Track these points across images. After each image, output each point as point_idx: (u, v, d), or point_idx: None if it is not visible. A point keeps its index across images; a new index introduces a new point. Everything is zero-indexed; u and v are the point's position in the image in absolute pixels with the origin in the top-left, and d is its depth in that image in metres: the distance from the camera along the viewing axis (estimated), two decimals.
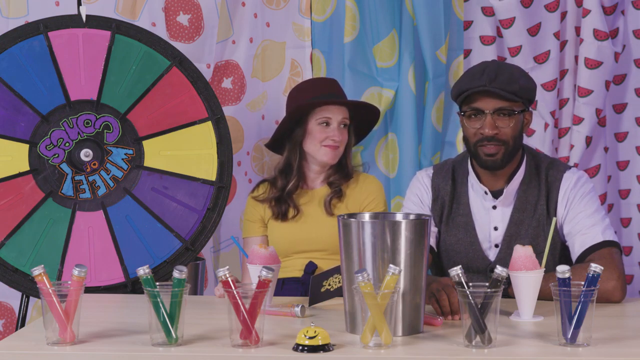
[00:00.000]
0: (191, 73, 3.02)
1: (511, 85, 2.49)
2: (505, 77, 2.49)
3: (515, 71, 2.54)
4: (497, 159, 2.53)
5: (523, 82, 2.51)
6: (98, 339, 2.05)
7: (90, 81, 2.96)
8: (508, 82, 2.49)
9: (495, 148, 2.52)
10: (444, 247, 2.65)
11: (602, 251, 2.47)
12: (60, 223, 2.93)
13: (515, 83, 2.49)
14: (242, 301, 1.94)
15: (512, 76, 2.50)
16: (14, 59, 2.93)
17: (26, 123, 2.93)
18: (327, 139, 2.92)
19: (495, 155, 2.52)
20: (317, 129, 2.93)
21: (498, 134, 2.51)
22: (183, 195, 2.97)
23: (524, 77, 2.54)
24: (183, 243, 2.96)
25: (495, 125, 2.51)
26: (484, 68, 2.52)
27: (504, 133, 2.51)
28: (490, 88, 2.48)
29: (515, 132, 2.53)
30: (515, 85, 2.49)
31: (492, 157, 2.53)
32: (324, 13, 3.56)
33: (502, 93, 2.48)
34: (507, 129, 2.51)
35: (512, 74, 2.51)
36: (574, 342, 1.94)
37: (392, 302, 1.92)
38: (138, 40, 2.99)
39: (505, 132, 2.51)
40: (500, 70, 2.51)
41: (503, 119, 2.51)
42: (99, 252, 2.93)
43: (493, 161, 2.53)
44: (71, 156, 2.95)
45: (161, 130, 2.99)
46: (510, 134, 2.52)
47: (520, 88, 2.49)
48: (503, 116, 2.51)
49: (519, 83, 2.50)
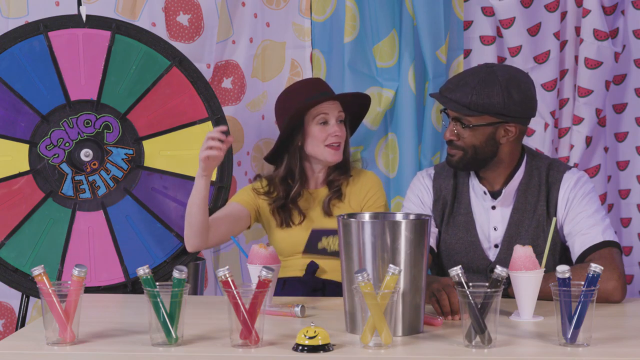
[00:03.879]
0: (191, 73, 3.02)
1: (463, 98, 2.46)
2: (465, 89, 2.46)
3: (482, 85, 2.46)
4: (453, 161, 2.56)
5: (478, 99, 2.44)
6: (98, 339, 2.05)
7: (90, 81, 2.96)
8: (463, 95, 2.47)
9: (453, 151, 2.55)
10: (444, 247, 2.65)
11: (602, 251, 2.47)
12: (60, 223, 2.93)
13: (467, 97, 2.46)
14: (242, 301, 1.94)
15: (472, 89, 2.45)
16: (14, 59, 2.93)
17: (26, 123, 2.93)
18: (328, 138, 2.90)
19: (453, 157, 2.56)
20: (316, 129, 2.91)
21: (455, 140, 2.53)
22: (183, 195, 2.97)
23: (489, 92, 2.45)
24: (183, 243, 2.96)
25: (453, 132, 2.53)
26: (462, 75, 2.54)
27: (462, 141, 2.52)
28: (441, 97, 2.52)
29: (476, 142, 2.51)
30: (466, 99, 2.46)
31: (450, 157, 2.57)
32: (324, 13, 3.56)
33: (450, 105, 2.49)
34: (465, 138, 2.51)
35: (474, 87, 2.45)
36: (574, 342, 1.94)
37: (392, 302, 1.92)
38: (138, 40, 2.99)
39: (463, 140, 2.52)
40: (468, 80, 2.48)
41: (460, 127, 2.52)
42: (99, 252, 2.93)
43: (450, 161, 2.58)
44: (71, 156, 2.95)
45: (161, 130, 2.99)
46: (469, 143, 2.51)
47: (471, 103, 2.45)
48: (461, 125, 2.51)
49: (471, 98, 2.45)
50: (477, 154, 2.53)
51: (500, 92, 2.46)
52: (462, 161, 2.55)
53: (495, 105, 2.47)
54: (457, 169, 2.61)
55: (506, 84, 2.47)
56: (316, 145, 2.91)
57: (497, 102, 2.46)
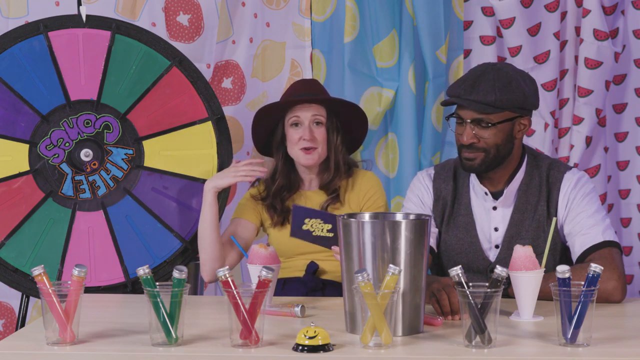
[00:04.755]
0: (191, 73, 3.02)
1: (487, 96, 2.46)
2: (483, 87, 2.46)
3: (500, 80, 2.48)
4: (474, 164, 2.53)
5: (503, 94, 2.46)
6: (98, 339, 2.05)
7: (90, 81, 2.96)
8: (485, 93, 2.46)
9: (473, 154, 2.52)
10: (445, 247, 2.65)
11: (603, 251, 2.47)
12: (60, 223, 2.93)
13: (491, 94, 2.45)
14: (242, 301, 1.94)
15: (492, 87, 2.46)
16: (14, 59, 2.93)
17: (26, 123, 2.93)
18: (300, 141, 2.89)
19: (473, 160, 2.53)
20: (290, 132, 2.90)
21: (476, 142, 2.51)
22: (183, 195, 2.97)
23: (510, 86, 2.47)
24: (183, 243, 2.96)
25: (473, 134, 2.50)
26: (470, 75, 2.52)
27: (483, 142, 2.50)
28: (463, 100, 2.48)
29: (498, 141, 2.51)
30: (491, 97, 2.45)
31: (470, 162, 2.54)
32: (324, 13, 3.56)
33: (474, 106, 2.47)
34: (486, 138, 2.50)
35: (493, 83, 2.46)
36: (574, 342, 1.94)
37: (392, 302, 1.92)
38: (138, 40, 2.99)
39: (485, 141, 2.50)
40: (481, 79, 2.48)
41: (481, 128, 2.50)
42: (99, 252, 2.93)
43: (470, 165, 2.54)
44: (71, 156, 2.95)
45: (161, 130, 2.99)
46: (491, 143, 2.50)
47: (496, 100, 2.45)
48: (481, 126, 2.50)
49: (496, 95, 2.45)
50: (499, 153, 2.52)
51: (517, 85, 2.48)
52: (484, 163, 2.52)
53: (517, 99, 2.48)
54: (479, 172, 2.57)
55: (519, 77, 2.50)
56: (291, 147, 2.91)
57: (519, 96, 2.48)
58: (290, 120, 2.90)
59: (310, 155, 2.88)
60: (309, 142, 2.87)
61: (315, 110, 2.90)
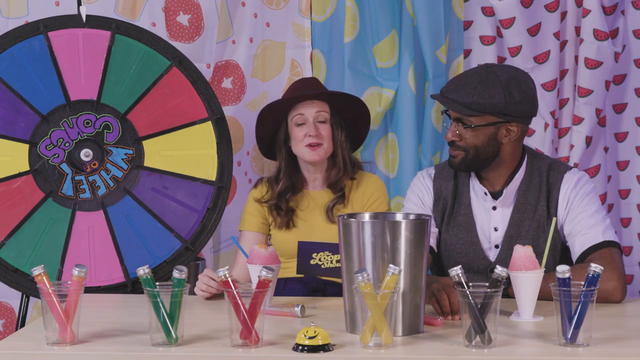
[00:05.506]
0: (191, 73, 3.02)
1: (465, 98, 2.47)
2: (466, 89, 2.47)
3: (483, 84, 2.46)
4: (454, 162, 2.57)
5: (479, 99, 2.45)
6: (98, 339, 2.06)
7: (90, 81, 2.96)
8: (464, 95, 2.47)
9: (455, 152, 2.55)
10: (445, 247, 2.65)
11: (603, 251, 2.47)
12: (60, 223, 2.93)
13: (469, 97, 2.46)
14: (242, 301, 1.94)
15: (474, 89, 2.46)
16: (14, 59, 2.93)
17: (26, 123, 2.93)
18: (305, 138, 2.90)
19: (455, 158, 2.56)
20: (295, 130, 2.92)
21: (457, 140, 2.53)
22: (183, 195, 2.97)
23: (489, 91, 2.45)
24: (183, 243, 2.96)
25: (456, 133, 2.53)
26: (462, 75, 2.54)
27: (464, 141, 2.52)
28: (441, 98, 2.52)
29: (478, 142, 2.51)
30: (467, 99, 2.46)
31: (452, 159, 2.58)
32: (324, 13, 3.56)
33: (452, 106, 2.50)
34: (467, 139, 2.52)
35: (475, 87, 2.46)
36: (574, 342, 1.94)
37: (392, 302, 1.92)
38: (138, 40, 2.99)
39: (465, 141, 2.52)
40: (468, 81, 2.49)
41: (463, 128, 2.52)
42: (99, 252, 2.93)
43: (452, 162, 2.58)
44: (71, 156, 2.95)
45: (161, 130, 2.99)
46: (471, 143, 2.52)
47: (472, 103, 2.46)
48: (463, 126, 2.51)
49: (473, 98, 2.45)
50: (479, 154, 2.53)
51: (501, 91, 2.46)
52: (464, 162, 2.55)
53: (497, 105, 2.47)
54: (459, 170, 2.61)
55: (507, 83, 2.47)
56: (296, 145, 2.93)
57: (499, 102, 2.47)
58: (294, 119, 2.92)
59: (316, 151, 2.89)
60: (314, 138, 2.89)
61: (319, 107, 2.91)
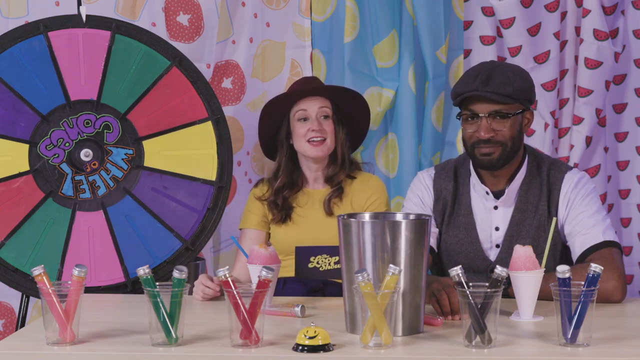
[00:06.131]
0: (191, 73, 3.02)
1: (504, 87, 2.47)
2: (499, 79, 2.48)
3: (510, 72, 2.51)
4: (492, 158, 2.52)
5: (517, 84, 2.49)
6: (98, 339, 2.06)
7: (90, 81, 2.96)
8: (501, 85, 2.48)
9: (491, 148, 2.52)
10: (445, 247, 2.65)
11: (603, 251, 2.47)
12: (60, 223, 2.93)
13: (508, 85, 2.48)
14: (242, 301, 1.94)
15: (507, 78, 2.48)
16: (14, 59, 2.93)
17: (26, 123, 2.93)
18: (308, 133, 2.91)
19: (491, 155, 2.52)
20: (297, 126, 2.94)
21: (494, 136, 2.51)
22: (183, 195, 2.97)
23: (519, 78, 2.51)
24: (183, 243, 2.96)
25: (490, 128, 2.50)
26: (479, 71, 2.52)
27: (501, 135, 2.51)
28: (481, 92, 2.48)
29: (514, 133, 2.52)
30: (508, 88, 2.48)
31: (488, 157, 2.52)
32: (324, 13, 3.56)
33: (494, 97, 2.47)
34: (503, 131, 2.51)
35: (507, 75, 2.49)
36: (574, 342, 1.94)
37: (392, 302, 1.92)
38: (138, 40, 2.99)
39: (502, 134, 2.51)
40: (494, 72, 2.50)
41: (499, 121, 2.51)
42: (99, 252, 2.93)
43: (489, 160, 2.53)
44: (71, 156, 2.95)
45: (161, 130, 2.99)
46: (508, 135, 2.51)
47: (514, 90, 2.48)
48: (499, 119, 2.51)
49: (512, 85, 2.48)
50: (514, 147, 2.54)
51: (527, 77, 2.54)
52: (502, 157, 2.52)
53: (529, 90, 2.53)
54: (496, 169, 2.56)
55: (521, 71, 2.55)
56: (298, 141, 2.94)
57: (530, 87, 2.53)
58: (297, 115, 2.94)
59: (320, 147, 2.91)
60: (318, 133, 2.90)
61: (322, 103, 2.93)
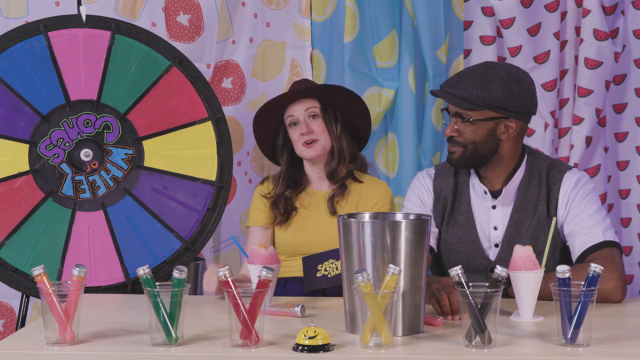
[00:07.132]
0: (191, 73, 3.02)
1: (464, 92, 2.48)
2: (465, 83, 2.48)
3: (482, 79, 2.47)
4: (453, 158, 2.57)
5: (478, 92, 2.46)
6: (98, 339, 2.05)
7: (90, 81, 2.96)
8: (463, 89, 2.48)
9: (453, 148, 2.56)
10: (445, 247, 2.65)
11: (603, 251, 2.47)
12: (60, 223, 2.93)
13: (468, 90, 2.47)
14: (242, 301, 1.94)
15: (473, 83, 2.47)
16: (14, 59, 2.93)
17: (26, 123, 2.93)
18: (300, 137, 2.92)
19: (453, 154, 2.57)
20: (290, 132, 2.96)
21: (456, 136, 2.54)
22: (183, 195, 2.97)
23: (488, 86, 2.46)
24: (183, 243, 2.96)
25: (454, 128, 2.53)
26: (462, 71, 2.56)
27: (462, 137, 2.53)
28: (441, 92, 2.53)
29: (476, 138, 2.52)
30: (467, 93, 2.47)
31: (450, 155, 2.58)
32: (324, 13, 3.56)
33: (451, 100, 2.51)
34: (465, 134, 2.52)
35: (474, 81, 2.47)
36: (574, 342, 1.94)
37: (392, 302, 1.92)
38: (138, 40, 2.99)
39: (464, 136, 2.53)
40: (468, 76, 2.50)
41: (461, 123, 2.52)
42: (99, 252, 2.93)
43: (450, 159, 2.59)
44: (71, 156, 2.95)
45: (161, 130, 2.99)
46: (469, 139, 2.52)
47: (471, 96, 2.47)
48: (462, 121, 2.52)
49: (472, 91, 2.47)
50: (478, 151, 2.53)
51: (500, 86, 2.48)
52: (463, 158, 2.55)
53: (496, 100, 2.48)
54: (458, 167, 2.61)
55: (506, 78, 2.49)
56: (295, 146, 2.96)
57: (498, 97, 2.48)
58: (287, 121, 2.96)
59: (313, 147, 2.92)
60: (307, 135, 2.91)
61: (308, 104, 2.94)
